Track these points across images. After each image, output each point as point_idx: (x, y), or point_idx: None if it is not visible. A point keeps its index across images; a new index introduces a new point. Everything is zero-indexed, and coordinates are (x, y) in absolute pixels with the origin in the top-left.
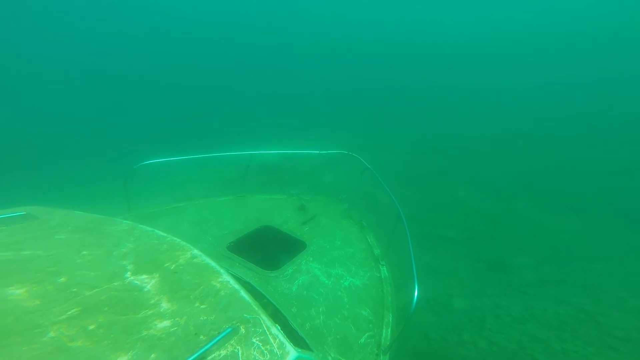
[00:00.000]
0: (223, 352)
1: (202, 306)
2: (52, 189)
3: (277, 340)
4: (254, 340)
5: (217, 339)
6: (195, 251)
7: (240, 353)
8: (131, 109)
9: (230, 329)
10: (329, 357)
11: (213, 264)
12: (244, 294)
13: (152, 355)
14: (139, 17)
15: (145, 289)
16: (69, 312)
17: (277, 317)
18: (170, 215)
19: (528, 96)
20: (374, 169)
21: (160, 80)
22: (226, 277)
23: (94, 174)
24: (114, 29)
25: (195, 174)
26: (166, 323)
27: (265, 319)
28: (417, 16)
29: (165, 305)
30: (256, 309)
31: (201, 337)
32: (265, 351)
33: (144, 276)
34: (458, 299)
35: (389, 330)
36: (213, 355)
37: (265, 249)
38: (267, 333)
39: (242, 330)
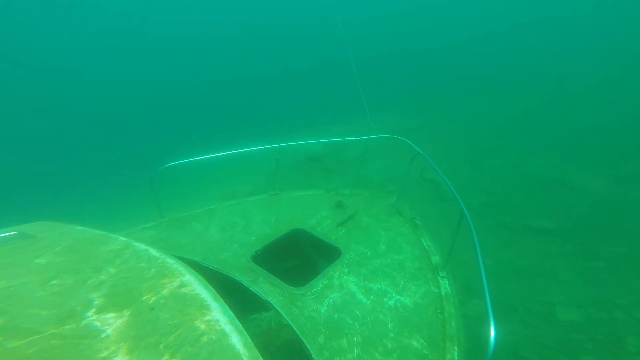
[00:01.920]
0: None
1: None
2: (87, 201)
3: None
4: None
5: None
6: (187, 277)
7: None
8: (154, 113)
9: None
10: None
11: (205, 294)
12: (236, 338)
13: None
14: (145, 19)
15: (104, 335)
16: None
17: (300, 350)
18: (201, 220)
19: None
20: (427, 154)
21: (177, 83)
22: (217, 315)
23: (129, 181)
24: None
25: (229, 172)
26: None
27: None
28: None
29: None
30: None
31: None
32: None
33: (110, 315)
34: (564, 308)
35: None
36: None
37: (294, 258)
38: None
39: None
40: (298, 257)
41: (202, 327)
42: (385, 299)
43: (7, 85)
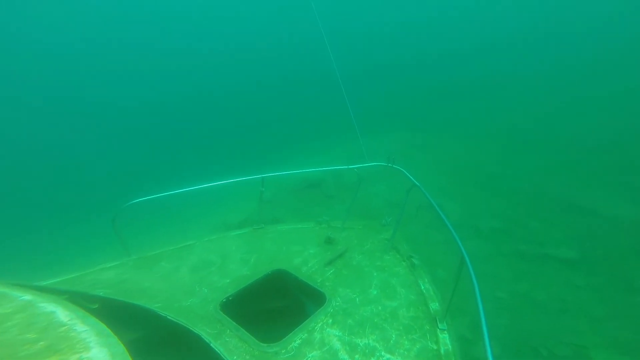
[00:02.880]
0: None
1: None
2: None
3: None
4: None
5: None
6: (95, 353)
7: None
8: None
9: None
10: None
11: None
12: None
13: None
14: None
15: None
16: None
17: None
18: (173, 258)
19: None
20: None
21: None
22: None
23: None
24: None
25: (221, 201)
26: None
27: None
28: None
29: None
30: None
31: None
32: None
33: None
34: (602, 354)
35: None
36: None
37: (271, 305)
38: None
39: None
40: (277, 303)
41: None
42: (372, 359)
43: None
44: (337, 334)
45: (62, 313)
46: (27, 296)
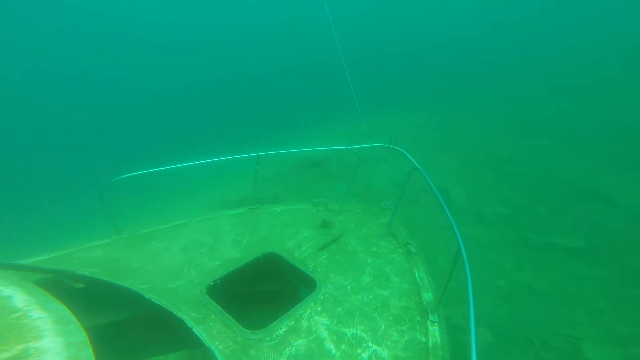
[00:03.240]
0: None
1: None
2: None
3: None
4: None
5: None
6: (46, 343)
7: None
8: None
9: None
10: None
11: None
12: None
13: None
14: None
15: None
16: None
17: None
18: (164, 238)
19: None
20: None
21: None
22: None
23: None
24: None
25: (211, 183)
26: None
27: None
28: None
29: None
30: None
31: None
32: None
33: None
34: (594, 345)
35: None
36: None
37: (261, 289)
38: None
39: None
40: (267, 287)
41: None
42: (358, 350)
43: None
44: (325, 322)
45: (19, 298)
46: None
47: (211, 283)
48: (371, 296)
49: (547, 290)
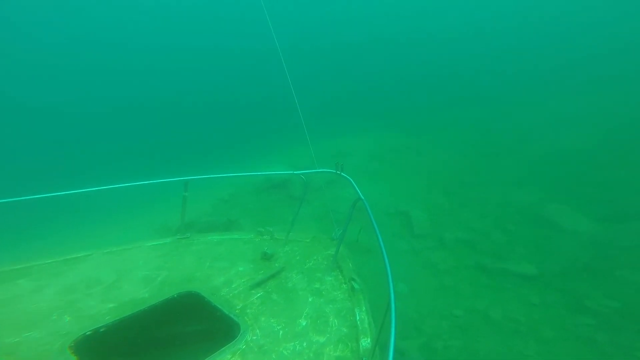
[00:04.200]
0: None
1: None
2: None
3: None
4: None
5: None
6: None
7: None
8: None
9: None
10: None
11: None
12: None
13: None
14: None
15: None
16: None
17: None
18: (43, 274)
19: None
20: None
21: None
22: None
23: None
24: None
25: (155, 205)
26: None
27: None
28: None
29: None
30: None
31: None
32: None
33: None
34: None
35: None
36: None
37: (159, 342)
38: None
39: None
40: (166, 343)
41: None
42: None
43: None
44: None
45: None
46: None
47: (88, 333)
48: (305, 344)
49: (501, 318)
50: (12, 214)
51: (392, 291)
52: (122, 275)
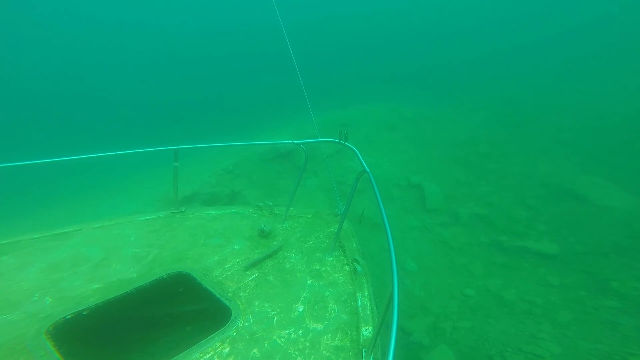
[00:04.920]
0: None
1: None
2: None
3: None
4: None
5: None
6: None
7: None
8: None
9: None
10: None
11: None
12: None
13: None
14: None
15: None
16: None
17: None
18: (29, 251)
19: None
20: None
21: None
22: None
23: None
24: None
25: (156, 174)
26: None
27: None
28: None
29: None
30: None
31: None
32: None
33: None
34: None
35: None
36: None
37: (146, 323)
38: None
39: None
40: (150, 328)
41: None
42: None
43: None
44: None
45: None
46: None
47: (69, 316)
48: (300, 332)
49: (515, 300)
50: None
51: (396, 282)
52: (111, 253)
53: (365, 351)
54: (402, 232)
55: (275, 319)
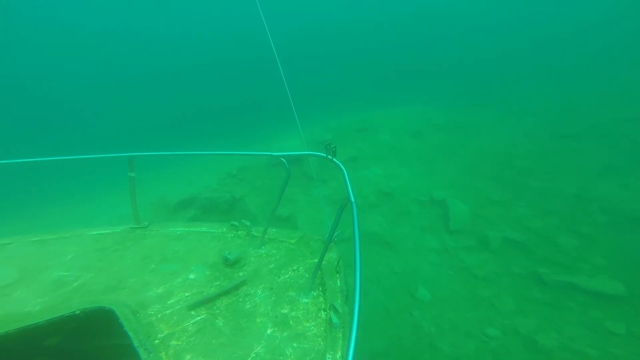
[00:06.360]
0: None
1: None
2: None
3: None
4: None
5: None
6: None
7: None
8: None
9: None
10: None
11: None
12: None
13: None
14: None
15: None
16: None
17: None
18: None
19: None
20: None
21: None
22: None
23: None
24: None
25: (158, 178)
26: None
27: None
28: None
29: None
30: None
31: None
32: None
33: None
34: None
35: None
36: None
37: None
38: None
39: None
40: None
41: None
42: None
43: None
44: None
45: None
46: None
47: None
48: None
49: (556, 347)
50: None
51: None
52: (28, 275)
53: None
54: (417, 253)
55: None
